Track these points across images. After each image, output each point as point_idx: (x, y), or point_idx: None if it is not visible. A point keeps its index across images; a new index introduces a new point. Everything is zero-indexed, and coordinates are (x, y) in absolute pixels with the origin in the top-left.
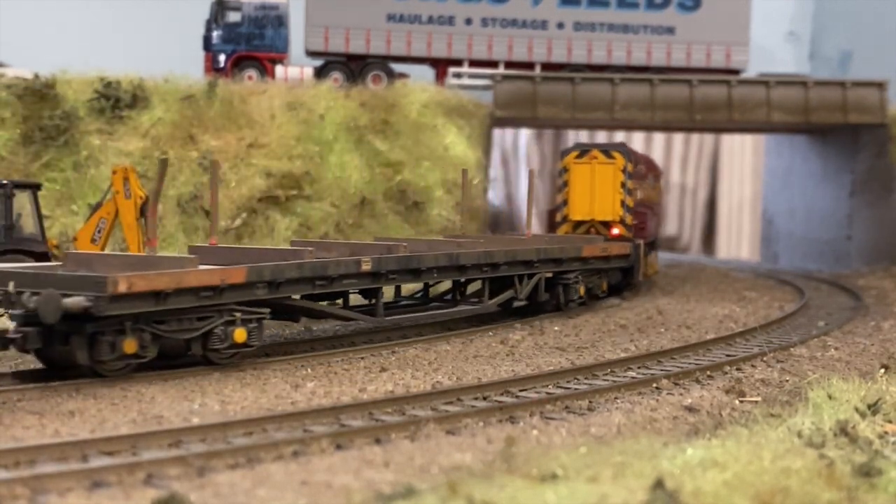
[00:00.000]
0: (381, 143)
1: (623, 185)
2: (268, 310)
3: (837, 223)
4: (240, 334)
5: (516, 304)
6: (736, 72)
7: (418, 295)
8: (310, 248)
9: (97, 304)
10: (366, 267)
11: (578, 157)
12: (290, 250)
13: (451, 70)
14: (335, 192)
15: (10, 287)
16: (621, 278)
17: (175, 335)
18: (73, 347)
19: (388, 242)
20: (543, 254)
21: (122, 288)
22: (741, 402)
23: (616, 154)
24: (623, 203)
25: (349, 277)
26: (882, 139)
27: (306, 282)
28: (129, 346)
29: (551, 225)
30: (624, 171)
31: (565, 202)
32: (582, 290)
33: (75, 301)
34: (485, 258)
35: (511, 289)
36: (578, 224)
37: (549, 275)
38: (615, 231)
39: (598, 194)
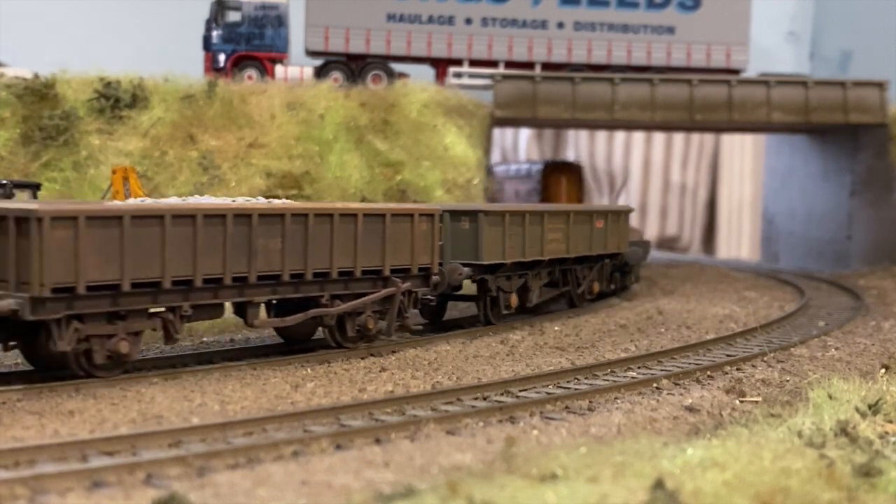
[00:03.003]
0: (381, 142)
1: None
2: None
3: (838, 223)
4: None
5: None
6: (736, 72)
7: None
8: None
9: None
10: None
11: None
12: None
13: (451, 70)
14: (335, 191)
15: None
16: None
17: None
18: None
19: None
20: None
21: None
22: (741, 402)
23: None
24: None
25: None
26: (882, 139)
27: None
28: None
29: None
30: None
31: None
32: None
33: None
34: None
35: None
36: None
37: None
38: None
39: None
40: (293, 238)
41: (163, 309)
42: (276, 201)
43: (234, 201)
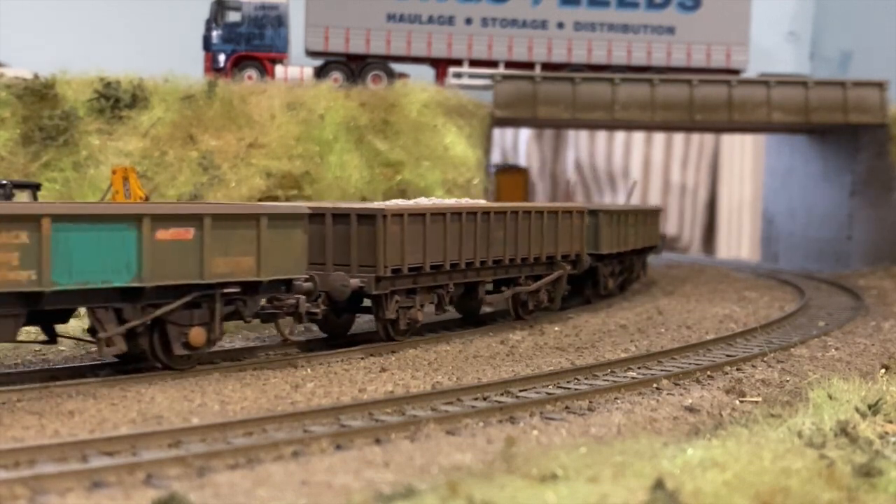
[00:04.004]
0: (381, 142)
1: None
2: None
3: (838, 223)
4: None
5: None
6: (736, 72)
7: None
8: None
9: None
10: None
11: None
12: None
13: (451, 70)
14: (335, 192)
15: None
16: None
17: None
18: None
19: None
20: None
21: None
22: (741, 402)
23: None
24: None
25: None
26: (882, 139)
27: None
28: None
29: None
30: None
31: None
32: None
33: None
34: None
35: None
36: None
37: None
38: None
39: None
40: (511, 231)
41: (442, 284)
42: (477, 202)
43: (462, 202)
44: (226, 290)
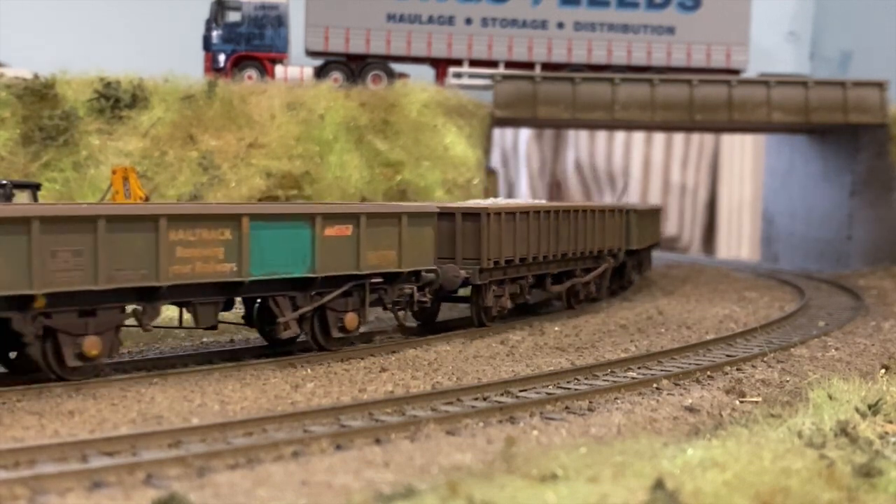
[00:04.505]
0: (381, 143)
1: None
2: None
3: (838, 223)
4: None
5: None
6: (736, 72)
7: None
8: None
9: None
10: None
11: None
12: None
13: (451, 70)
14: (335, 192)
15: None
16: None
17: None
18: None
19: None
20: None
21: None
22: (741, 402)
23: None
24: None
25: None
26: (882, 139)
27: None
28: None
29: None
30: None
31: None
32: None
33: None
34: None
35: None
36: None
37: None
38: None
39: None
40: (572, 228)
41: (523, 276)
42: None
43: (537, 202)
44: (373, 280)
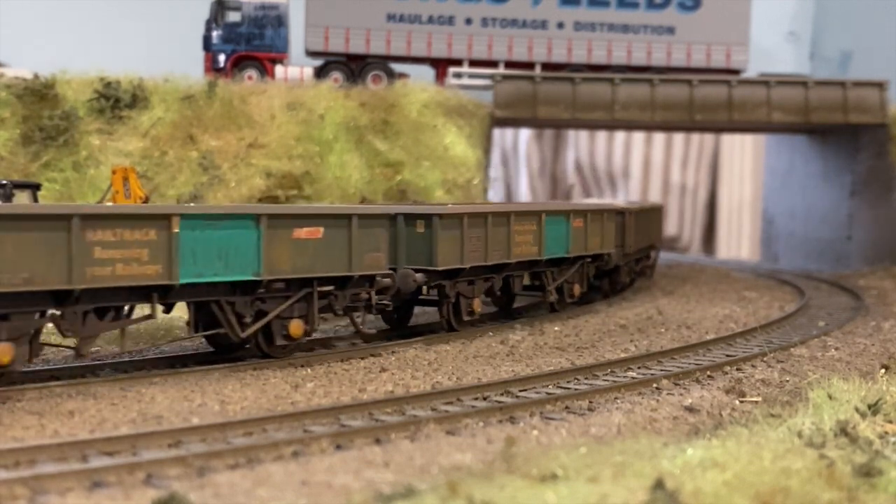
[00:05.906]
0: (381, 143)
1: None
2: None
3: (838, 223)
4: None
5: None
6: (736, 72)
7: None
8: None
9: None
10: None
11: None
12: None
13: (451, 70)
14: (335, 191)
15: None
16: None
17: None
18: None
19: None
20: None
21: None
22: (741, 402)
23: None
24: None
25: None
26: (882, 139)
27: None
28: None
29: None
30: None
31: None
32: None
33: None
34: None
35: None
36: None
37: None
38: None
39: None
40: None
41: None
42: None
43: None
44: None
